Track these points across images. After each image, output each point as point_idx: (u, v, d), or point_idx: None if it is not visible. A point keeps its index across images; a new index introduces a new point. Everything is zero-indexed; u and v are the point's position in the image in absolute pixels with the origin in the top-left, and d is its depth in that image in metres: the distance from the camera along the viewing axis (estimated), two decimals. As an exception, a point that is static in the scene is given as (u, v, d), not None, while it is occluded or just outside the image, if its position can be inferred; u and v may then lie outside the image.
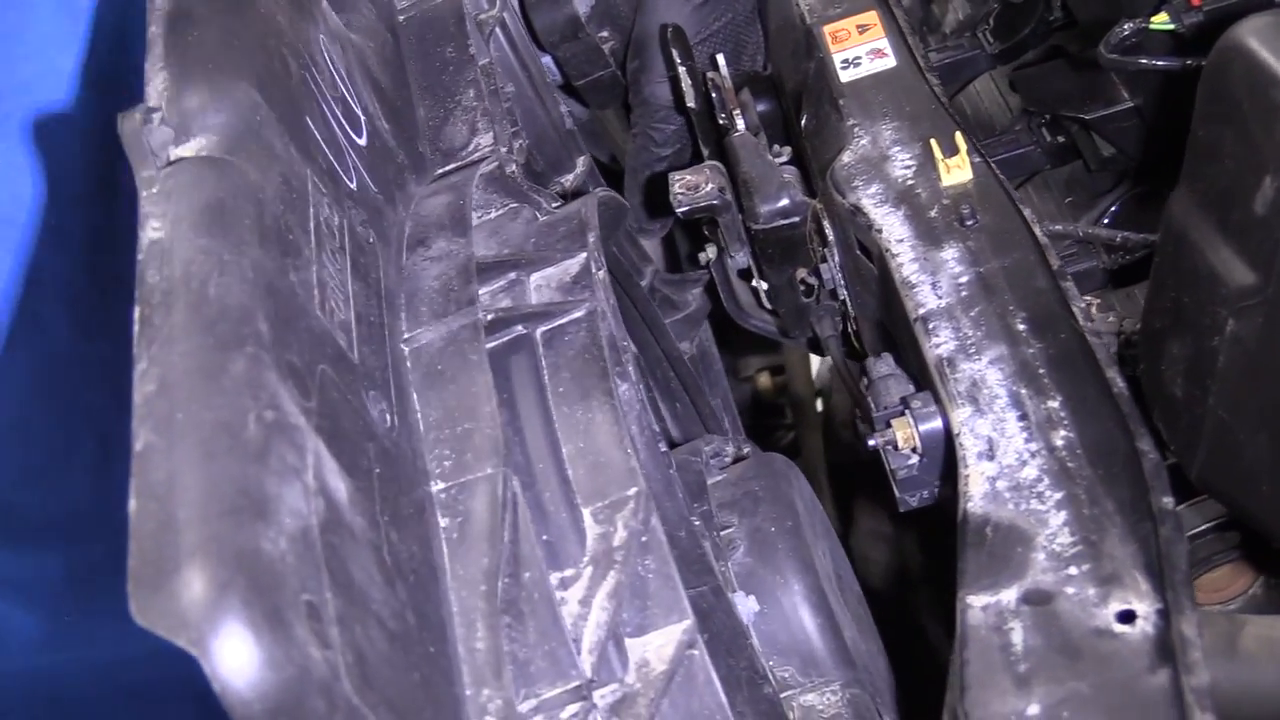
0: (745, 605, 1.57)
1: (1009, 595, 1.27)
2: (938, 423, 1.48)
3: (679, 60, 2.08)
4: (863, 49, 1.89)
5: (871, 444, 1.55)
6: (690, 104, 2.06)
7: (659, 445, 1.51)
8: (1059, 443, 1.37)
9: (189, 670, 0.91)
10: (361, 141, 1.58)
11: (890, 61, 1.87)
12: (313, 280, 1.26)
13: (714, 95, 2.00)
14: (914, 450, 1.51)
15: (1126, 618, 1.22)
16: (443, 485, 1.32)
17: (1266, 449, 1.31)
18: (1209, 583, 1.73)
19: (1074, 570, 1.27)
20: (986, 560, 1.30)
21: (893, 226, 1.64)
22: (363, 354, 1.31)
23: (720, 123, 1.98)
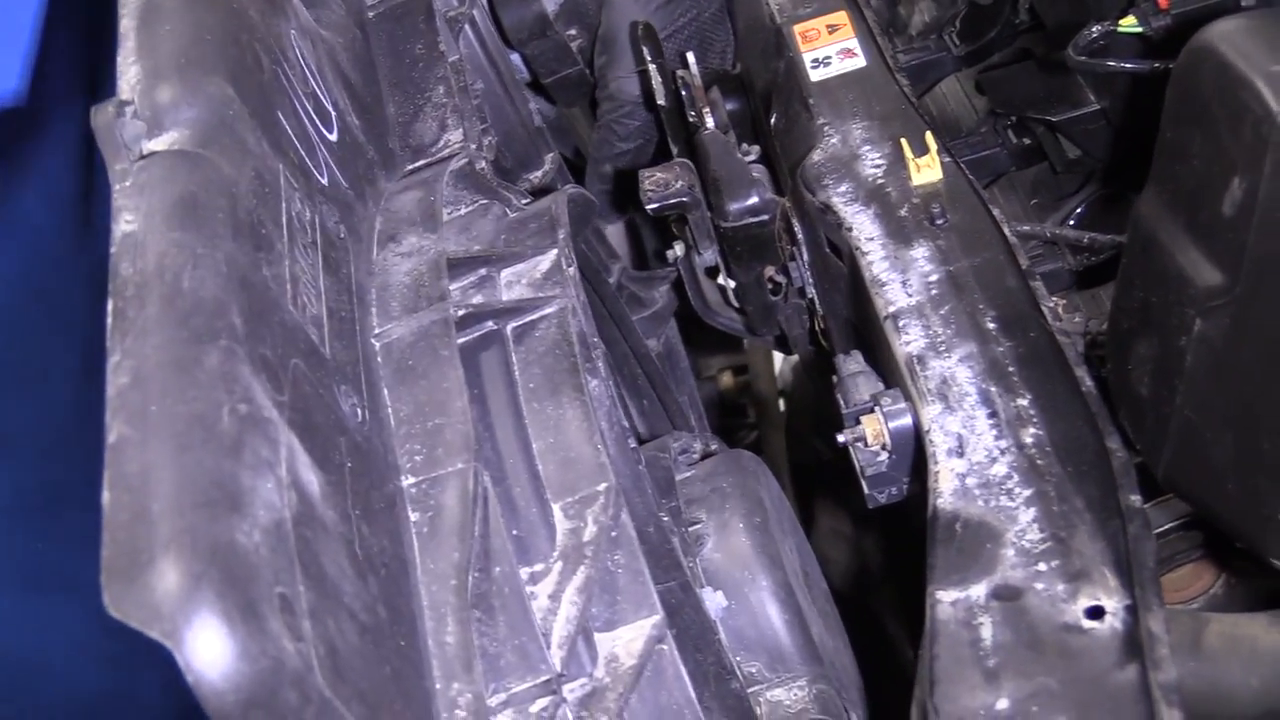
0: (713, 600, 1.57)
1: (978, 591, 1.28)
2: (907, 420, 1.48)
3: (649, 57, 2.08)
4: (833, 48, 1.89)
5: (841, 440, 1.55)
6: (660, 101, 2.06)
7: (629, 441, 1.51)
8: (1028, 440, 1.38)
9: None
10: (332, 137, 1.58)
11: (860, 61, 1.88)
12: (285, 275, 1.26)
13: (684, 93, 2.01)
14: (883, 447, 1.51)
15: (1095, 614, 1.23)
16: (414, 480, 1.32)
17: (1232, 448, 1.32)
18: (1171, 582, 1.74)
19: (1043, 566, 1.28)
20: (956, 556, 1.31)
21: (863, 225, 1.65)
22: (334, 349, 1.31)
23: (690, 120, 1.98)
